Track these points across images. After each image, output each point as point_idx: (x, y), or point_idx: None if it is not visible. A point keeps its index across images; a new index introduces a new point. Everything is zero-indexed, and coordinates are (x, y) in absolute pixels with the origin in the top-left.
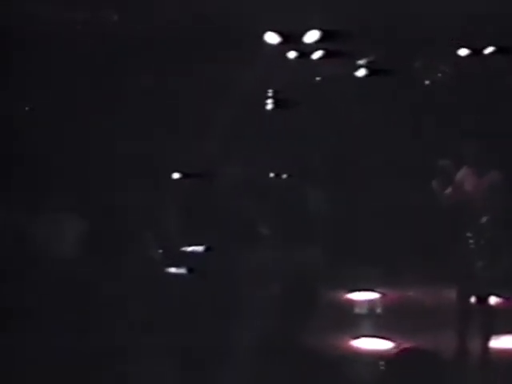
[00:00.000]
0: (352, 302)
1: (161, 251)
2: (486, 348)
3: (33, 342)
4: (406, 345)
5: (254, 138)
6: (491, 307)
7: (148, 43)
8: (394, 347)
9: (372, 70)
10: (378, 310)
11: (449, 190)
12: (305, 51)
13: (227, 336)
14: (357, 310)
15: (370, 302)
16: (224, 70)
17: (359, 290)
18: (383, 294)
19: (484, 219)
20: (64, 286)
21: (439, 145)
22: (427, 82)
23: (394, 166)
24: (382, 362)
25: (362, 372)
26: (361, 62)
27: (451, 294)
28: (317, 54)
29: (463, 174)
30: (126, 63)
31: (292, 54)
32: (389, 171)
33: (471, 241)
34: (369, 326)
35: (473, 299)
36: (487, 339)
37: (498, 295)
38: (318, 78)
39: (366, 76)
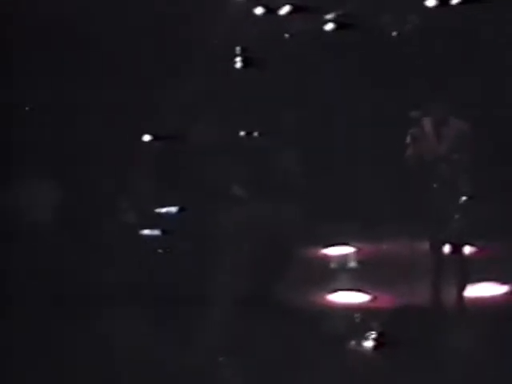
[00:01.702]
0: (327, 257)
1: (134, 214)
2: (460, 297)
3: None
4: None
5: (224, 98)
6: (464, 256)
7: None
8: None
9: (340, 24)
10: (354, 264)
11: (419, 142)
12: (272, 6)
13: (203, 295)
14: (332, 265)
15: (345, 256)
16: (190, 28)
17: (334, 245)
18: (358, 248)
19: (455, 170)
20: (39, 252)
21: (409, 97)
22: (394, 34)
23: (366, 120)
24: (357, 315)
25: (339, 325)
26: (328, 16)
27: (424, 246)
28: (284, 10)
29: (433, 125)
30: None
31: (259, 10)
32: (360, 125)
33: (442, 192)
34: (344, 280)
35: (447, 249)
36: (462, 288)
37: (471, 244)
38: (286, 35)
39: (335, 30)
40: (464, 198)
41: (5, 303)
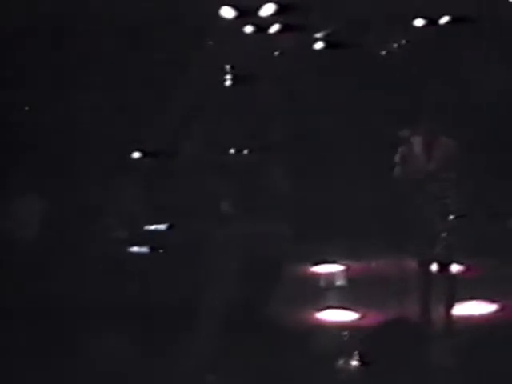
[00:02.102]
0: (316, 275)
1: (123, 231)
2: (449, 315)
3: None
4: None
5: (214, 115)
6: (453, 275)
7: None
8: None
9: (329, 43)
10: (342, 282)
11: (408, 161)
12: (261, 25)
13: (191, 312)
14: (321, 283)
15: (334, 274)
16: (180, 46)
17: (322, 263)
18: (346, 266)
19: (443, 188)
20: (26, 268)
21: (398, 115)
22: (383, 53)
23: (354, 139)
24: (345, 333)
25: (327, 343)
26: (318, 35)
27: (413, 264)
28: (274, 28)
29: (421, 144)
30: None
31: (249, 29)
32: (349, 144)
33: (430, 211)
34: (333, 297)
35: (434, 267)
36: (450, 306)
37: (459, 263)
38: (276, 53)
39: (324, 49)
40: (452, 216)
41: None
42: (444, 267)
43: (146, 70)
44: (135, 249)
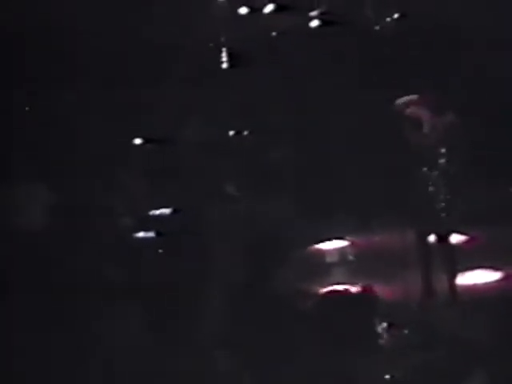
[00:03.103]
0: (322, 252)
1: (129, 217)
2: (453, 285)
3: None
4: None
5: (212, 97)
6: (454, 245)
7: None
8: None
9: (324, 21)
10: (348, 257)
11: (409, 134)
12: (256, 6)
13: (199, 291)
14: (327, 259)
15: (340, 250)
16: (176, 29)
17: (329, 240)
18: (352, 242)
19: (442, 161)
20: (33, 256)
21: (398, 91)
22: (377, 28)
23: (354, 114)
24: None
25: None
26: (313, 13)
27: (416, 236)
28: (268, 8)
29: (420, 116)
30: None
31: (243, 10)
32: (349, 119)
33: (431, 183)
34: (340, 273)
35: (434, 238)
36: (454, 276)
37: (461, 233)
38: (272, 33)
39: (319, 27)
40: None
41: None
42: (446, 238)
43: (143, 55)
44: (141, 234)
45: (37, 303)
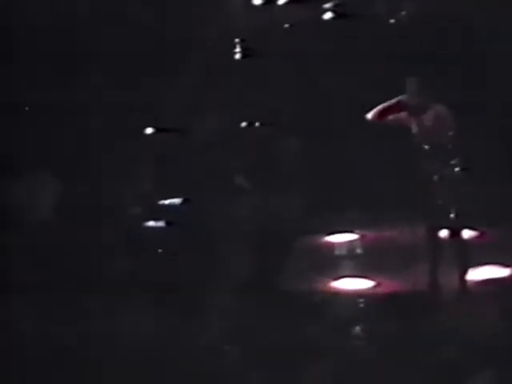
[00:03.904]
0: (331, 245)
1: (139, 206)
2: (463, 281)
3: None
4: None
5: (224, 89)
6: (464, 241)
7: None
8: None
9: (338, 13)
10: (357, 251)
11: (417, 130)
12: None
13: (207, 285)
14: (336, 252)
15: (349, 243)
16: (189, 21)
17: (338, 233)
18: (361, 235)
19: (451, 157)
20: (43, 246)
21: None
22: (392, 21)
23: (366, 108)
24: (361, 300)
25: (343, 311)
26: (327, 5)
27: (426, 231)
28: (282, 0)
29: (430, 114)
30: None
31: (257, 1)
32: (362, 114)
33: (440, 178)
34: (349, 266)
35: (446, 233)
36: (464, 272)
37: (471, 228)
38: (286, 25)
39: (333, 19)
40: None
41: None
42: (457, 233)
43: (156, 46)
44: (151, 223)
45: (46, 298)
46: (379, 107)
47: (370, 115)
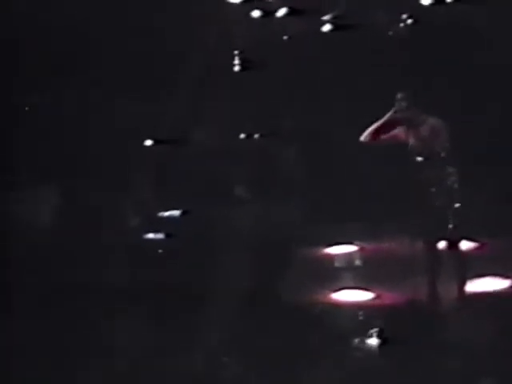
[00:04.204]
0: (330, 257)
1: (138, 218)
2: (462, 292)
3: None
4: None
5: (223, 101)
6: (464, 252)
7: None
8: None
9: (337, 25)
10: (357, 263)
11: (418, 140)
12: (269, 9)
13: (207, 294)
14: (336, 264)
15: (349, 255)
16: (188, 32)
17: (337, 244)
18: (361, 247)
19: (450, 168)
20: (41, 257)
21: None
22: (390, 33)
23: (366, 120)
24: (360, 313)
25: (343, 323)
26: (325, 17)
27: (425, 243)
28: (281, 12)
29: (428, 124)
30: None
31: (256, 13)
32: (361, 125)
33: (439, 190)
34: (348, 278)
35: (444, 244)
36: (463, 284)
37: (470, 240)
38: (284, 37)
39: (332, 31)
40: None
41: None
42: (456, 244)
43: (155, 58)
44: (151, 235)
45: (43, 304)
46: (372, 127)
47: (363, 137)
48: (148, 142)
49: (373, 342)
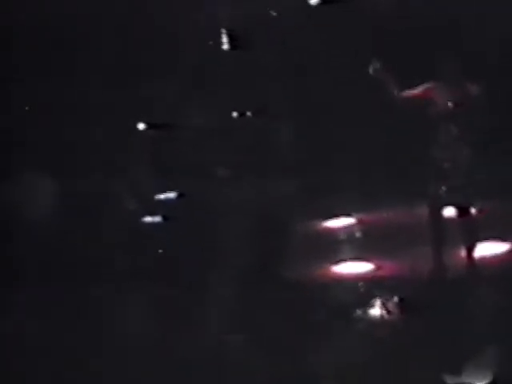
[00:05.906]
0: (330, 229)
1: (135, 202)
2: (463, 258)
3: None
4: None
5: (214, 80)
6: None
7: None
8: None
9: None
10: (356, 235)
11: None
12: None
13: (207, 270)
14: (335, 236)
15: (348, 227)
16: (175, 12)
17: (336, 217)
18: (360, 219)
19: (452, 136)
20: (42, 243)
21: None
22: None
23: (357, 93)
24: (361, 284)
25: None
26: None
27: (424, 211)
28: None
29: (433, 90)
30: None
31: None
32: (353, 98)
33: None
34: (348, 250)
35: (452, 211)
36: (466, 250)
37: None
38: (273, 13)
39: (320, 4)
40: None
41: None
42: (464, 211)
43: (143, 39)
44: (148, 218)
45: (47, 292)
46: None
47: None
48: (141, 126)
49: (375, 312)
